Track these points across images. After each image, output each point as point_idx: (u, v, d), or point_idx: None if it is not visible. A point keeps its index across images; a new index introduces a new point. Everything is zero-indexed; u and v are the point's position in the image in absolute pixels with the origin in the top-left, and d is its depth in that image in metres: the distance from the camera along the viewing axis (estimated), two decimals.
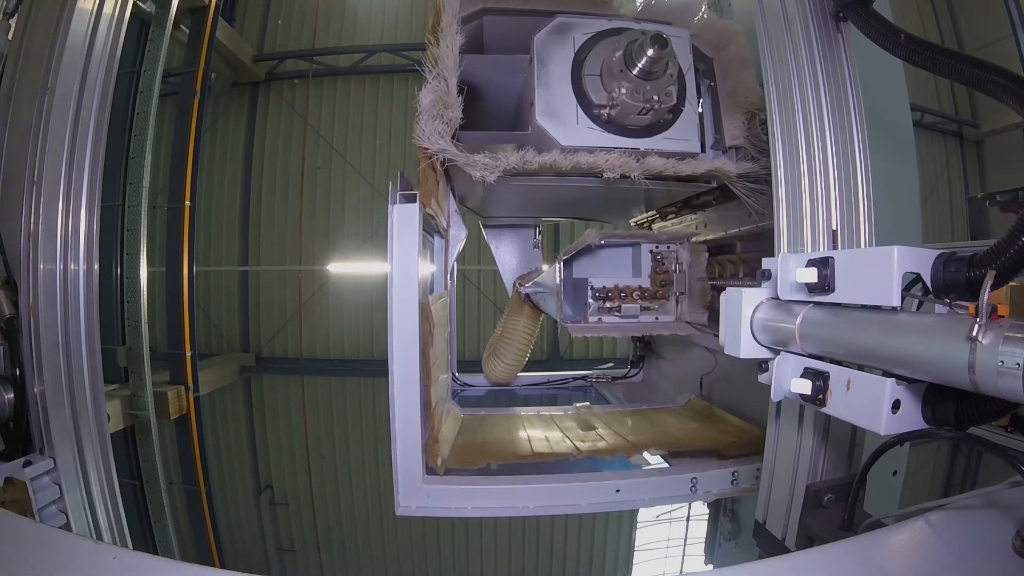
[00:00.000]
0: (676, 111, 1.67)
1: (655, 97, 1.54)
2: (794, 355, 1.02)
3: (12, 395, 1.59)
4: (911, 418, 0.84)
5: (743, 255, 2.21)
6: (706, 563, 2.94)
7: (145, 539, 3.70)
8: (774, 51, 1.56)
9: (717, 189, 2.03)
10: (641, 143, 1.64)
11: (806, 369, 0.98)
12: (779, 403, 1.54)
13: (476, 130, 1.75)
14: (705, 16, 1.84)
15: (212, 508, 5.34)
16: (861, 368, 0.89)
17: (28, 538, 1.04)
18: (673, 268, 2.31)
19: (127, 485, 3.63)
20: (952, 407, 0.83)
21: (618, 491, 1.73)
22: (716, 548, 2.57)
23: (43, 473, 1.59)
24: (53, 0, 1.68)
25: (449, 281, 2.64)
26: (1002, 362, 0.63)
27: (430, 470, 1.73)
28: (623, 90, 1.55)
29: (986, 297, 0.68)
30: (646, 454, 1.92)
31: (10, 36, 1.71)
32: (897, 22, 1.28)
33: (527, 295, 2.76)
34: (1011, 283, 0.79)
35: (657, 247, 2.35)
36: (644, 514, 8.74)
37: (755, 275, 1.74)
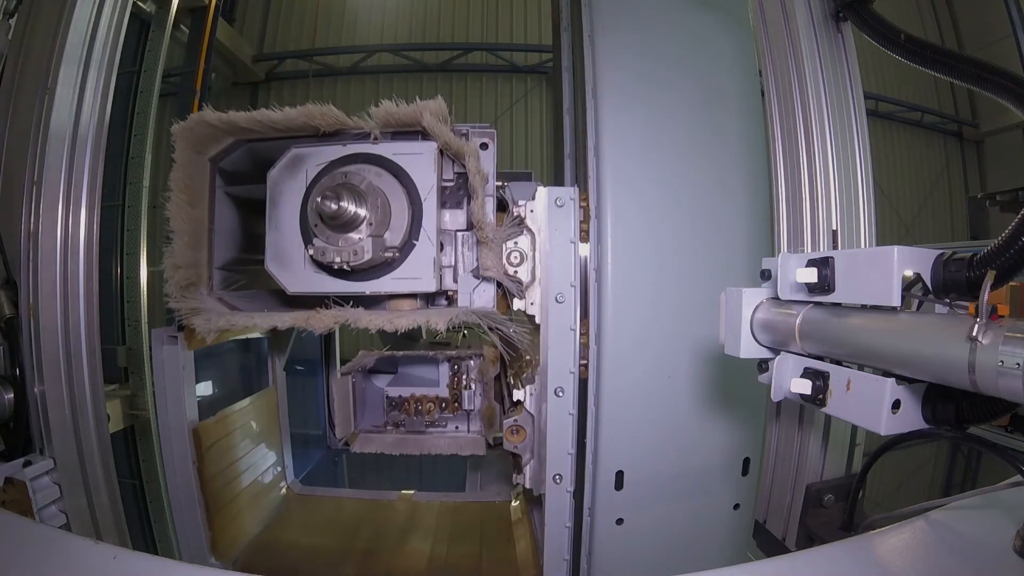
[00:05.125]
0: (407, 247, 1.48)
1: (338, 258, 1.37)
2: (794, 355, 1.02)
3: (12, 395, 1.59)
4: (911, 418, 0.84)
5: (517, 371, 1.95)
6: None
7: (145, 539, 3.69)
8: (774, 51, 1.56)
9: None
10: (368, 286, 1.48)
11: (806, 369, 0.98)
12: (779, 403, 1.54)
13: None
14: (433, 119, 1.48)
15: None
16: (861, 368, 0.89)
17: (28, 538, 1.04)
18: (466, 381, 2.21)
19: (127, 485, 3.62)
20: (952, 407, 0.83)
21: None
22: None
23: (43, 473, 1.59)
24: (53, 0, 1.68)
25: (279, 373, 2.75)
26: (1002, 362, 0.63)
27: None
28: (309, 251, 1.41)
29: (986, 297, 0.68)
30: None
31: (10, 36, 1.71)
32: (897, 22, 1.28)
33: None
34: (1011, 283, 0.79)
35: (457, 354, 2.25)
36: None
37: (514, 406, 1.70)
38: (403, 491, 2.70)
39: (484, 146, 1.57)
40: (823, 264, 0.95)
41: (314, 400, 3.31)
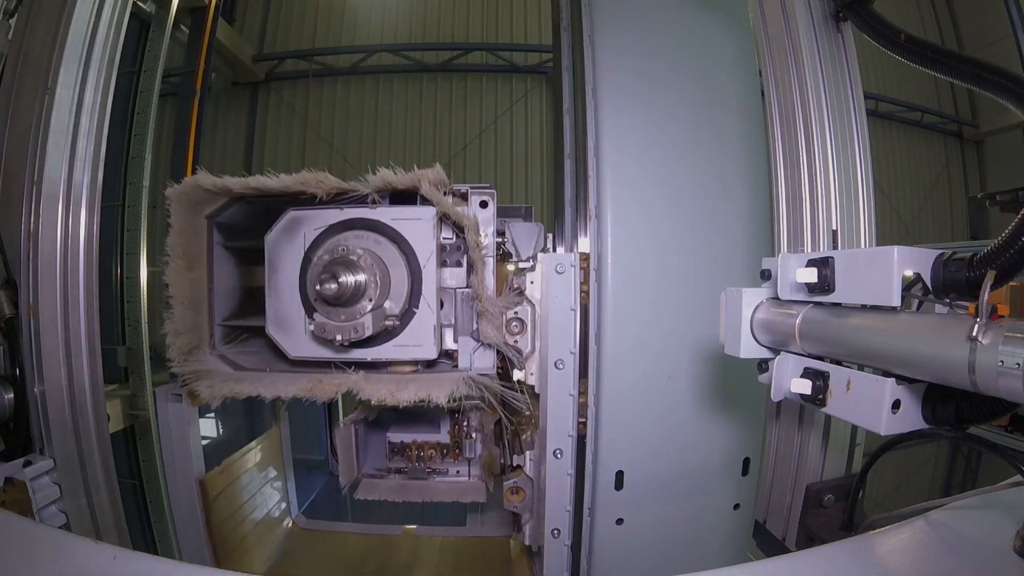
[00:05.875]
0: (408, 315, 1.49)
1: (339, 336, 1.35)
2: (794, 355, 1.02)
3: (12, 395, 1.59)
4: (911, 418, 0.84)
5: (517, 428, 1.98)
6: None
7: (145, 539, 3.68)
8: (774, 51, 1.56)
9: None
10: (370, 353, 1.50)
11: (806, 369, 0.98)
12: (779, 403, 1.54)
13: None
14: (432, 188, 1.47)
15: None
16: (861, 368, 0.88)
17: (28, 538, 1.04)
18: (467, 430, 2.21)
19: (127, 485, 3.62)
20: (952, 407, 0.83)
21: None
22: None
23: (43, 473, 1.58)
24: (53, 0, 1.68)
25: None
26: (1002, 362, 0.63)
27: None
28: (310, 326, 1.40)
29: (986, 297, 0.68)
30: None
31: (10, 36, 1.70)
32: (897, 22, 1.28)
33: None
34: (1011, 283, 0.79)
35: (458, 405, 2.28)
36: None
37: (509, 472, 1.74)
38: (406, 526, 2.76)
39: (484, 204, 1.56)
40: (823, 264, 0.94)
41: (315, 409, 3.31)
